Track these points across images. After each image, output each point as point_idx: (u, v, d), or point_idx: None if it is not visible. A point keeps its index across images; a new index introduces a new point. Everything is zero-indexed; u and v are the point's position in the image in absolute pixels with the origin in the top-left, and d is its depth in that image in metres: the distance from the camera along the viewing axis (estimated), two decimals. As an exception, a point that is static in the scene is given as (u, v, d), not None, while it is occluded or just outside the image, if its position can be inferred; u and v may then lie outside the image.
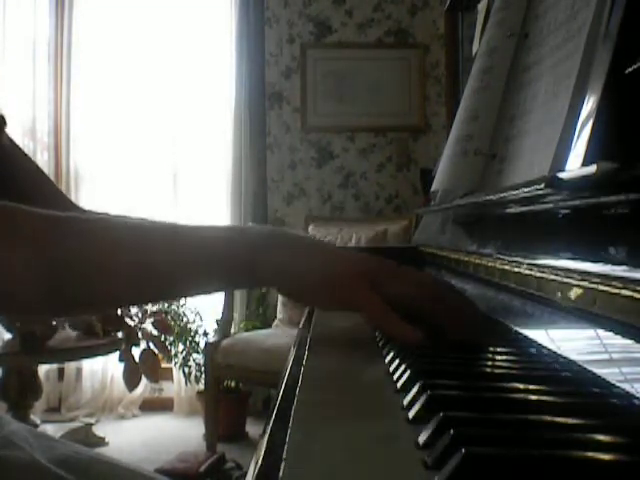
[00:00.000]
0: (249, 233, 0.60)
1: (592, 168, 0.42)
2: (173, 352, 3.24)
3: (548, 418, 0.33)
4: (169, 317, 3.19)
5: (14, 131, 0.75)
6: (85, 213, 0.82)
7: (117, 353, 2.73)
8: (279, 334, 2.87)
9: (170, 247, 0.57)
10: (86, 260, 0.53)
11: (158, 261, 0.55)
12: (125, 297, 0.59)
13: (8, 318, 2.42)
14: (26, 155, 0.84)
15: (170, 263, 0.56)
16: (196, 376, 3.27)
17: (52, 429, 2.85)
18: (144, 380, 2.84)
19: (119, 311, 2.72)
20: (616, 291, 0.39)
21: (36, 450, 0.69)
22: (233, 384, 3.15)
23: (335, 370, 0.49)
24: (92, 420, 3.13)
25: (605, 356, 0.41)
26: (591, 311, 0.42)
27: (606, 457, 0.27)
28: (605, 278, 0.41)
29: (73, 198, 3.56)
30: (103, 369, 3.49)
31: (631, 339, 0.37)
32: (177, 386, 3.47)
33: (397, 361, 0.47)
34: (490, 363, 0.49)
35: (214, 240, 0.59)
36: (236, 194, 3.48)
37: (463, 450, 0.26)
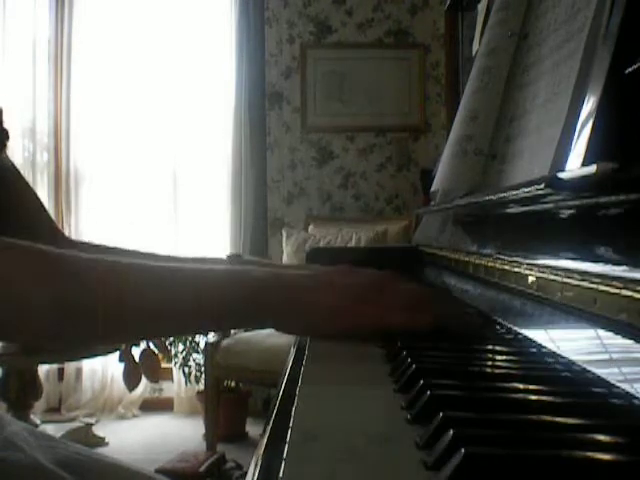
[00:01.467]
0: (248, 279, 0.61)
1: (592, 168, 0.42)
2: (173, 352, 3.24)
3: (548, 418, 0.33)
4: (169, 317, 3.19)
5: (14, 131, 0.75)
6: (82, 245, 0.84)
7: (117, 353, 2.73)
8: (279, 334, 2.86)
9: (173, 287, 0.58)
10: (88, 303, 0.54)
11: (161, 305, 0.57)
12: (126, 339, 0.61)
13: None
14: (27, 184, 0.85)
15: (172, 309, 0.57)
16: (196, 376, 3.27)
17: (52, 429, 2.85)
18: (144, 380, 2.83)
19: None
20: (616, 291, 0.39)
21: (37, 451, 0.69)
22: (233, 384, 3.15)
23: (335, 370, 0.49)
24: (92, 420, 3.13)
25: (605, 356, 0.41)
26: (591, 311, 0.42)
27: (606, 457, 0.27)
28: (605, 278, 0.41)
29: (73, 198, 3.56)
30: (103, 369, 3.49)
31: (631, 339, 0.37)
32: (177, 386, 3.47)
33: (397, 361, 0.47)
34: (490, 363, 0.49)
35: (217, 281, 0.60)
36: (236, 194, 3.48)
37: (463, 450, 0.26)
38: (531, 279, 0.54)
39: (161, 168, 3.61)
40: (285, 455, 0.30)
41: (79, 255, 0.58)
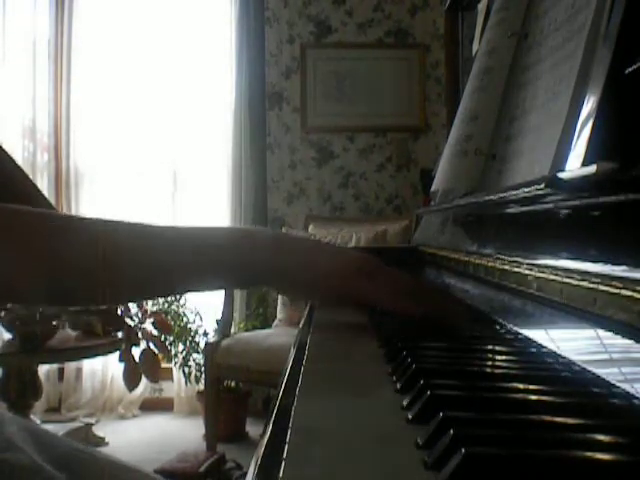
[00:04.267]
0: (251, 235, 0.62)
1: (592, 168, 0.42)
2: (173, 352, 3.24)
3: (548, 418, 0.33)
4: (169, 317, 3.19)
5: (14, 131, 0.74)
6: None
7: (117, 353, 2.73)
8: (279, 334, 2.87)
9: (172, 246, 0.58)
10: (86, 256, 0.54)
11: (159, 259, 0.56)
12: (126, 293, 0.60)
13: (9, 316, 2.42)
14: (4, 150, 0.84)
15: (171, 262, 0.57)
16: (196, 376, 3.27)
17: (52, 429, 2.84)
18: (144, 380, 2.83)
19: (119, 311, 2.72)
20: (616, 291, 0.39)
21: (37, 452, 0.69)
22: (233, 384, 3.15)
23: (335, 370, 0.49)
24: (92, 420, 3.13)
25: (605, 356, 0.41)
26: (591, 311, 0.42)
27: (606, 457, 0.27)
28: (605, 278, 0.41)
29: (73, 198, 3.56)
30: (103, 369, 3.49)
31: (631, 339, 0.37)
32: (177, 386, 3.47)
33: (397, 361, 0.47)
34: (490, 363, 0.49)
35: (216, 240, 0.61)
36: (236, 194, 3.48)
37: (463, 450, 0.26)
38: (531, 279, 0.54)
39: (161, 168, 3.61)
40: (285, 455, 0.30)
41: (72, 215, 0.58)
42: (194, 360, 3.28)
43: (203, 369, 3.01)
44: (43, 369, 3.22)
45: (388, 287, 0.62)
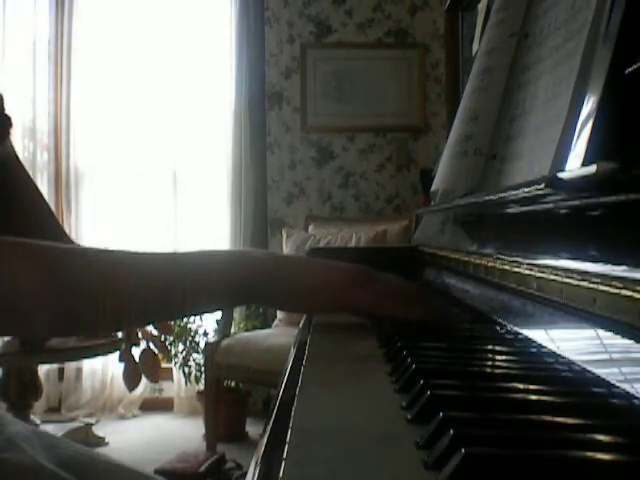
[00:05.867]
0: (247, 254, 0.65)
1: (592, 168, 0.42)
2: (173, 352, 3.24)
3: (548, 418, 0.33)
4: (169, 317, 3.19)
5: (14, 131, 0.75)
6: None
7: (117, 353, 2.73)
8: (279, 334, 2.87)
9: (172, 270, 0.60)
10: (88, 284, 0.56)
11: (160, 285, 0.59)
12: (128, 319, 0.62)
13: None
14: (31, 179, 0.87)
15: (172, 287, 0.59)
16: (196, 376, 3.27)
17: (52, 429, 2.84)
18: (144, 380, 2.83)
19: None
20: (616, 291, 0.39)
21: (38, 452, 0.69)
22: (233, 384, 3.15)
23: (335, 370, 0.49)
24: (92, 420, 3.13)
25: (605, 356, 0.41)
26: (591, 311, 0.42)
27: (606, 457, 0.27)
28: (605, 278, 0.41)
29: (73, 198, 3.56)
30: (103, 369, 3.49)
31: (631, 339, 0.37)
32: (177, 386, 3.47)
33: (397, 361, 0.47)
34: (490, 363, 0.49)
35: (215, 262, 0.63)
36: (236, 194, 3.48)
37: (463, 450, 0.26)
38: (531, 279, 0.54)
39: (161, 168, 3.61)
40: (285, 455, 0.30)
41: (73, 246, 0.60)
42: (194, 360, 3.28)
43: (203, 369, 3.01)
44: (43, 369, 3.22)
45: (384, 295, 0.64)
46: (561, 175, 0.46)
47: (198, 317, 3.32)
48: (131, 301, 0.58)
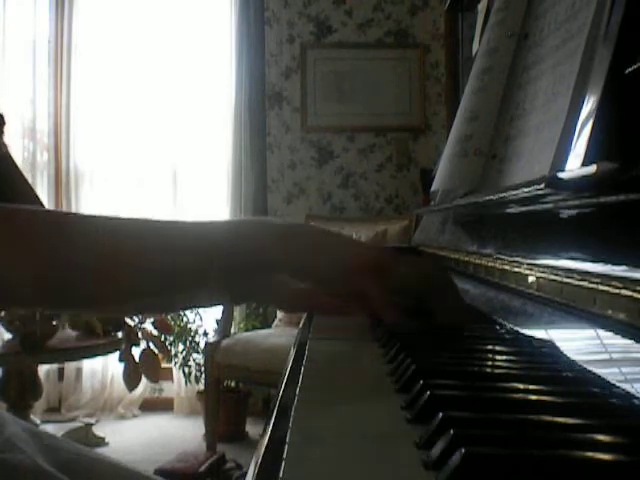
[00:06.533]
0: (258, 223, 0.61)
1: (592, 168, 0.42)
2: (173, 352, 3.24)
3: (548, 418, 0.33)
4: (169, 317, 3.19)
5: (14, 131, 0.75)
6: None
7: (117, 353, 2.73)
8: (279, 334, 2.87)
9: (172, 246, 0.57)
10: (86, 254, 0.54)
11: (158, 261, 0.56)
12: (127, 296, 0.59)
13: (9, 316, 2.42)
14: (25, 179, 0.86)
15: (172, 263, 0.56)
16: (196, 376, 3.27)
17: (52, 429, 2.85)
18: (144, 380, 2.83)
19: (119, 311, 2.71)
20: (616, 291, 0.39)
21: (37, 453, 0.69)
22: (233, 384, 3.15)
23: (335, 370, 0.49)
24: (92, 420, 3.13)
25: (605, 356, 0.41)
26: (591, 311, 0.42)
27: (606, 457, 0.27)
28: (605, 278, 0.41)
29: (73, 198, 3.56)
30: (103, 369, 3.49)
31: (631, 339, 0.37)
32: (177, 386, 3.47)
33: (397, 361, 0.47)
34: (490, 363, 0.49)
35: (214, 232, 0.59)
36: (236, 194, 3.48)
37: (463, 450, 0.26)
38: (531, 279, 0.54)
39: (161, 168, 3.61)
40: (285, 455, 0.30)
41: (70, 212, 0.58)
42: (194, 360, 3.28)
43: (203, 369, 3.01)
44: (43, 369, 3.22)
45: (400, 279, 0.60)
46: (561, 175, 0.46)
47: (198, 318, 3.32)
48: (129, 270, 0.55)
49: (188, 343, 3.28)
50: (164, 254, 0.56)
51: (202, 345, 3.12)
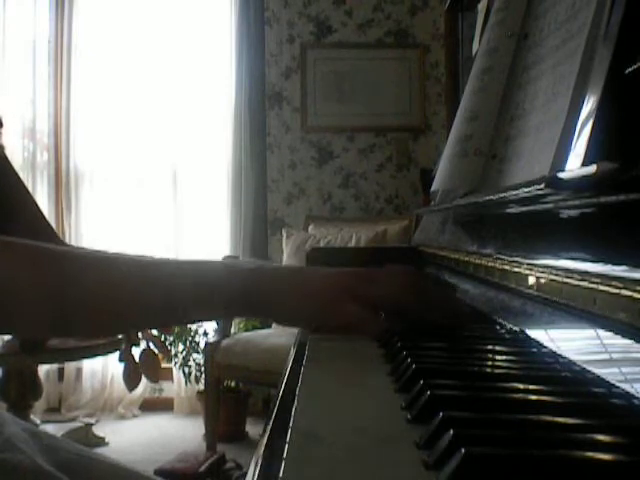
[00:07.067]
0: (240, 268, 0.63)
1: (592, 168, 0.42)
2: (173, 352, 3.24)
3: (548, 418, 0.33)
4: (169, 317, 3.19)
5: (14, 131, 0.75)
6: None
7: (117, 353, 2.72)
8: (279, 334, 2.87)
9: (173, 278, 0.59)
10: (87, 289, 0.56)
11: (161, 293, 0.58)
12: (131, 326, 0.62)
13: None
14: (24, 185, 0.87)
15: (172, 295, 0.58)
16: (196, 376, 3.27)
17: (52, 429, 2.84)
18: (144, 380, 2.83)
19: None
20: (616, 291, 0.39)
21: (37, 453, 0.69)
22: (233, 384, 3.15)
23: (335, 370, 0.49)
24: (92, 420, 3.12)
25: (605, 356, 0.41)
26: (591, 311, 0.42)
27: (606, 457, 0.27)
28: (605, 278, 0.41)
29: (73, 198, 3.56)
30: (103, 369, 3.49)
31: (631, 339, 0.37)
32: (177, 386, 3.47)
33: (397, 361, 0.47)
34: (490, 363, 0.49)
35: (214, 271, 0.62)
36: (236, 194, 3.48)
37: (463, 450, 0.26)
38: (531, 279, 0.54)
39: (161, 168, 3.61)
40: (285, 455, 0.30)
41: (71, 248, 0.60)
42: (194, 360, 3.28)
43: (203, 369, 3.01)
44: (43, 369, 3.22)
45: (380, 295, 0.61)
46: (561, 175, 0.46)
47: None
48: (130, 307, 0.58)
49: (188, 343, 3.28)
50: (165, 293, 0.58)
51: (202, 345, 3.12)
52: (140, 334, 2.81)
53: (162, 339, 2.97)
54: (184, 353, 3.28)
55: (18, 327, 0.59)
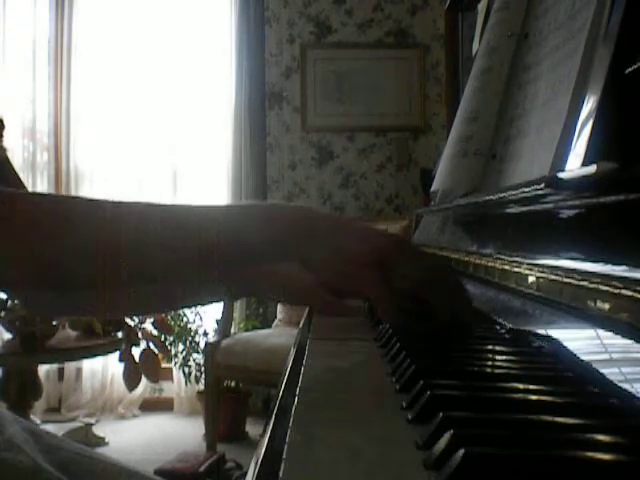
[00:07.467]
0: (245, 211, 0.60)
1: (592, 168, 0.42)
2: (173, 352, 3.24)
3: (548, 418, 0.33)
4: (169, 317, 3.19)
5: (14, 131, 0.75)
6: None
7: (117, 353, 2.73)
8: (279, 334, 2.87)
9: (173, 231, 0.56)
10: (86, 238, 0.54)
11: (159, 247, 0.55)
12: (126, 283, 0.58)
13: (9, 316, 2.42)
14: (20, 180, 0.86)
15: (173, 250, 0.56)
16: (196, 376, 3.27)
17: (52, 429, 2.84)
18: (144, 380, 2.83)
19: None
20: (616, 291, 0.39)
21: (38, 453, 0.69)
22: (233, 384, 3.15)
23: (335, 370, 0.49)
24: (92, 420, 3.13)
25: (605, 356, 0.41)
26: (591, 311, 0.42)
27: (606, 457, 0.27)
28: (605, 278, 0.41)
29: (73, 198, 3.56)
30: (103, 369, 3.49)
31: (631, 339, 0.37)
32: (177, 386, 3.47)
33: (397, 361, 0.47)
34: (490, 363, 0.49)
35: (220, 219, 0.59)
36: (236, 194, 3.48)
37: (463, 450, 0.26)
38: (531, 279, 0.54)
39: (161, 168, 3.61)
40: (285, 455, 0.30)
41: (76, 196, 0.58)
42: (194, 360, 3.28)
43: (203, 369, 3.01)
44: (43, 369, 3.22)
45: (405, 276, 0.56)
46: (561, 175, 0.46)
47: (198, 318, 3.32)
48: (131, 257, 0.54)
49: (188, 343, 3.28)
50: (166, 240, 0.55)
51: (202, 345, 3.12)
52: (140, 334, 2.81)
53: (162, 339, 2.97)
54: (184, 353, 3.28)
55: (13, 280, 0.55)
